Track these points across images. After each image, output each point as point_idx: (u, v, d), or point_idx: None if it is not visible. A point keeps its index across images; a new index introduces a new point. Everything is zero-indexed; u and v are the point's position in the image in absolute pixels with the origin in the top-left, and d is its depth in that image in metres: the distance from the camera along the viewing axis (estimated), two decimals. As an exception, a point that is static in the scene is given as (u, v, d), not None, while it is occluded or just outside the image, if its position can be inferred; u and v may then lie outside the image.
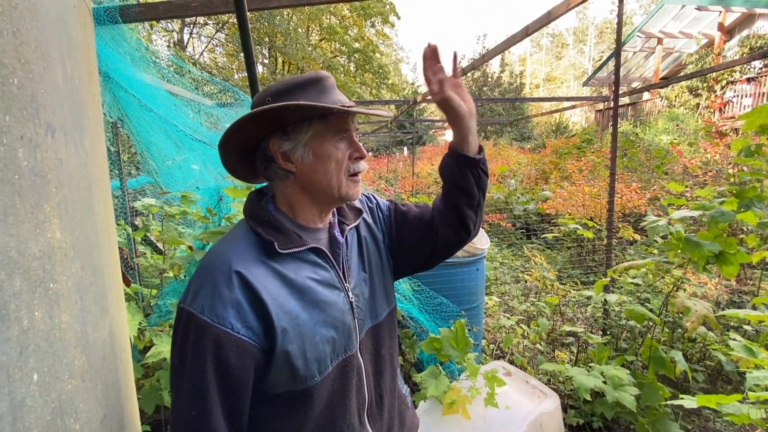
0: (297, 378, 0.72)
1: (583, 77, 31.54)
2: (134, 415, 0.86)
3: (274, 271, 0.71)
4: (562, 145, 8.53)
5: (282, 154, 0.75)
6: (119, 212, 2.93)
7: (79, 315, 0.59)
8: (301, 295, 0.72)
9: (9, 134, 0.47)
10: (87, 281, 0.62)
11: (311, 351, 0.72)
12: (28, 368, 0.48)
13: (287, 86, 0.73)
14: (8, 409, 0.45)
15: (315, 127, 0.73)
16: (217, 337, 0.64)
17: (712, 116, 9.45)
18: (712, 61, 10.10)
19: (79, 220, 0.61)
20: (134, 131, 2.39)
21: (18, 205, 0.47)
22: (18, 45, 0.49)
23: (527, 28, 3.04)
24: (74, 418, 0.56)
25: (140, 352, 1.78)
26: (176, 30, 14.80)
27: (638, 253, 4.18)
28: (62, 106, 0.58)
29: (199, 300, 0.66)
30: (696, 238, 1.87)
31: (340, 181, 0.76)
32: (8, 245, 0.46)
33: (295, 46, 16.03)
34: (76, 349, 0.58)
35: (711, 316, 1.83)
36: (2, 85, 0.46)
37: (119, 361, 0.76)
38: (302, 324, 0.71)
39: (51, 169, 0.53)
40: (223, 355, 0.64)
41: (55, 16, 0.58)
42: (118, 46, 2.15)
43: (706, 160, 5.67)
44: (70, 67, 0.62)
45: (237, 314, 0.66)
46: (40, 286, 0.50)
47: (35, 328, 0.49)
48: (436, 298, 2.32)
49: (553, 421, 1.79)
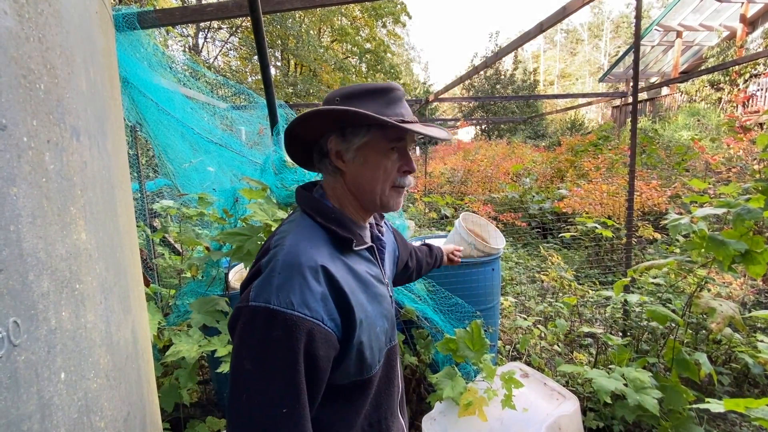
0: (364, 366, 0.76)
1: (598, 73, 30.92)
2: (156, 413, 0.87)
3: (346, 265, 0.75)
4: (577, 143, 8.37)
5: (336, 152, 0.79)
6: (138, 214, 2.99)
7: (103, 315, 0.60)
8: (366, 289, 0.77)
9: (36, 138, 0.48)
10: (110, 282, 0.63)
11: (375, 341, 0.77)
12: (55, 367, 0.49)
13: (358, 91, 0.77)
14: (37, 407, 0.46)
15: (372, 134, 0.77)
16: (310, 330, 0.65)
17: (735, 111, 9.14)
18: (734, 53, 9.78)
19: (103, 222, 0.62)
20: (152, 134, 2.44)
21: (46, 207, 0.48)
22: (44, 51, 0.50)
23: (541, 24, 2.99)
24: (99, 416, 0.58)
25: (160, 351, 1.82)
26: (191, 35, 15.09)
27: (659, 253, 4.07)
28: (86, 110, 0.59)
29: (284, 295, 0.65)
30: (721, 236, 1.81)
31: (383, 189, 0.80)
32: (37, 246, 0.47)
33: (307, 48, 16.15)
34: (101, 348, 0.59)
35: (737, 317, 1.76)
36: (30, 90, 0.47)
37: (141, 360, 0.77)
38: (370, 315, 0.76)
39: (76, 172, 0.55)
40: (314, 347, 0.66)
41: (79, 23, 0.59)
42: (136, 52, 2.20)
43: (730, 156, 5.48)
44: (93, 72, 0.63)
45: (325, 307, 0.68)
46: (66, 286, 0.51)
47: (62, 328, 0.50)
48: (450, 298, 2.30)
49: (572, 423, 1.76)
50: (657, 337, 2.41)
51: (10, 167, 0.44)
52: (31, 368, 0.45)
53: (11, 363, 0.43)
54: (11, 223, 0.44)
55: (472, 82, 21.43)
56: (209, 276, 2.08)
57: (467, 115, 20.66)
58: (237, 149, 2.23)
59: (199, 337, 1.66)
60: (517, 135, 18.52)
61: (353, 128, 0.77)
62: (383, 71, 19.23)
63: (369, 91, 0.77)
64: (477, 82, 21.59)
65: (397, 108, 0.78)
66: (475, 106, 21.19)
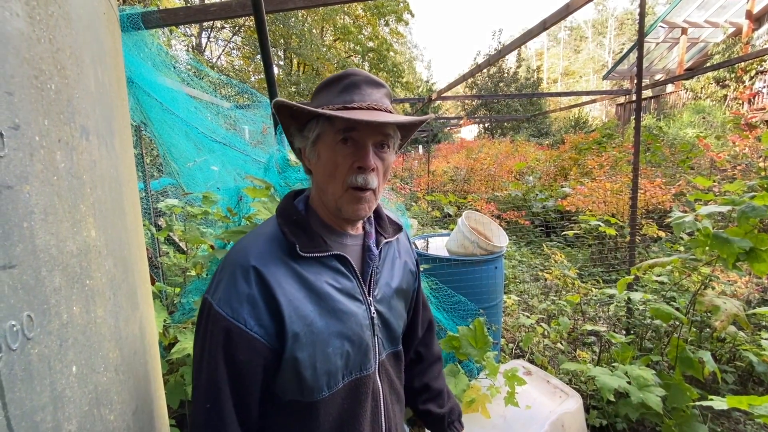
0: (304, 388, 0.69)
1: (602, 71, 30.72)
2: (163, 408, 0.89)
3: (294, 272, 0.68)
4: (581, 141, 8.34)
5: (299, 150, 0.76)
6: (143, 213, 3.02)
7: (112, 310, 0.61)
8: (318, 301, 0.69)
9: (48, 137, 0.49)
10: (119, 278, 0.65)
11: (322, 362, 0.68)
12: (67, 360, 0.50)
13: (322, 83, 0.75)
14: (50, 399, 0.48)
15: (320, 126, 0.71)
16: (228, 330, 0.64)
17: (741, 108, 9.07)
18: (740, 50, 9.69)
19: (111, 220, 0.63)
20: (156, 134, 2.46)
21: (57, 204, 0.50)
22: (54, 52, 0.51)
23: (544, 22, 2.98)
24: (109, 409, 0.59)
25: (165, 349, 1.83)
26: (194, 34, 15.13)
27: (663, 251, 4.05)
28: (95, 109, 0.60)
29: (218, 291, 0.66)
30: (725, 234, 1.80)
31: (335, 191, 0.70)
32: (49, 243, 0.48)
33: (310, 47, 16.15)
34: (110, 342, 0.60)
35: (742, 314, 1.76)
36: (41, 90, 0.48)
37: (149, 355, 0.78)
38: (316, 331, 0.68)
39: (86, 171, 0.56)
40: (231, 348, 0.64)
41: (87, 24, 0.60)
42: (140, 52, 2.21)
43: (735, 153, 5.45)
44: (101, 72, 0.64)
45: (251, 310, 0.64)
46: (77, 282, 0.53)
47: (73, 323, 0.52)
48: (454, 296, 2.30)
49: (575, 421, 1.76)
50: (661, 336, 2.40)
51: (23, 166, 0.45)
52: (44, 361, 0.47)
53: (25, 356, 0.44)
54: (24, 219, 0.45)
55: (475, 80, 21.35)
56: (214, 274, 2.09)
57: (470, 113, 20.61)
58: (240, 148, 2.24)
59: (204, 334, 1.67)
60: (521, 133, 18.45)
61: (308, 122, 0.73)
62: (386, 70, 19.20)
63: (328, 81, 0.73)
64: (480, 80, 21.52)
65: (349, 95, 0.69)
66: (478, 104, 21.12)
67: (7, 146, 0.43)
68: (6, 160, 0.43)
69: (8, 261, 0.43)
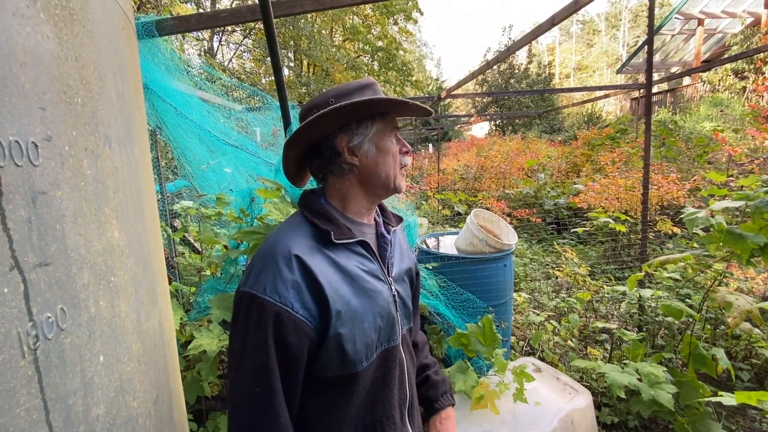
0: (346, 361, 0.76)
1: (616, 65, 30.11)
2: (180, 399, 0.94)
3: (328, 258, 0.77)
4: (594, 137, 8.21)
5: (349, 148, 0.82)
6: (160, 214, 3.10)
7: (134, 305, 0.66)
8: (352, 282, 0.78)
9: (76, 146, 0.53)
10: (140, 276, 0.69)
11: (360, 336, 0.77)
12: (95, 350, 0.55)
13: (347, 89, 0.82)
14: (80, 385, 0.52)
15: (377, 124, 0.83)
16: (278, 315, 0.69)
17: (760, 100, 8.80)
18: (759, 40, 9.40)
19: (132, 221, 0.68)
20: (171, 138, 2.53)
21: (84, 208, 0.54)
22: (80, 68, 0.56)
23: (553, 18, 2.97)
24: (133, 397, 0.63)
25: (182, 346, 1.90)
26: (206, 38, 15.38)
27: (677, 247, 3.99)
28: (116, 119, 0.65)
29: (260, 282, 0.71)
30: (739, 229, 1.78)
31: (395, 172, 0.86)
32: (78, 243, 0.52)
33: (320, 48, 16.26)
34: (133, 335, 0.65)
35: (755, 311, 1.74)
36: (69, 104, 0.53)
37: (167, 349, 0.83)
38: (354, 309, 0.76)
39: (109, 176, 0.60)
40: (282, 332, 0.70)
41: (108, 40, 0.65)
42: (155, 58, 2.28)
43: (754, 147, 5.31)
44: (121, 84, 0.69)
45: (297, 295, 0.71)
46: (103, 279, 0.57)
47: (100, 316, 0.56)
48: (462, 294, 2.32)
49: (585, 418, 1.77)
50: (673, 333, 2.38)
51: (55, 173, 0.49)
52: (75, 350, 0.51)
53: (59, 344, 0.49)
54: (57, 222, 0.49)
55: (486, 77, 21.20)
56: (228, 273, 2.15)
57: (481, 110, 20.46)
58: (252, 150, 2.30)
59: (219, 332, 1.73)
60: (532, 130, 18.25)
61: (360, 122, 0.82)
62: (395, 69, 19.21)
63: (357, 87, 0.83)
64: (490, 77, 21.35)
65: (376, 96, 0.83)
66: (488, 101, 20.95)
67: (42, 156, 0.48)
68: (40, 169, 0.48)
69: (44, 259, 0.47)
